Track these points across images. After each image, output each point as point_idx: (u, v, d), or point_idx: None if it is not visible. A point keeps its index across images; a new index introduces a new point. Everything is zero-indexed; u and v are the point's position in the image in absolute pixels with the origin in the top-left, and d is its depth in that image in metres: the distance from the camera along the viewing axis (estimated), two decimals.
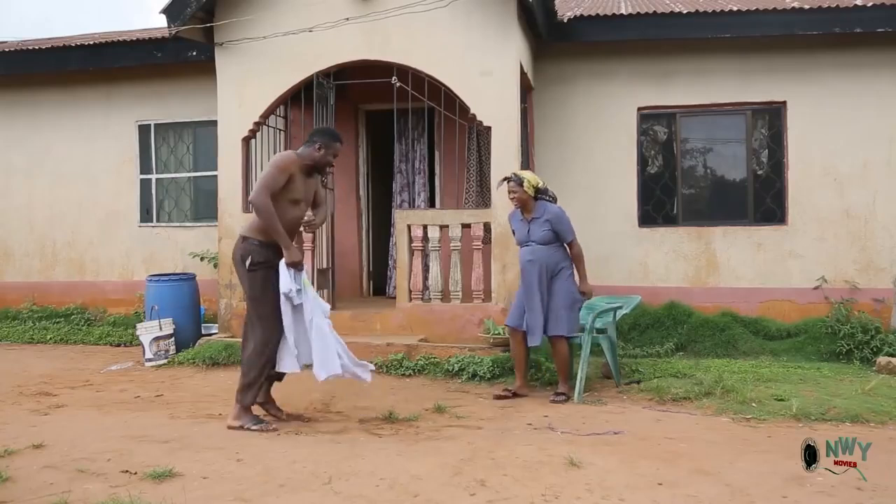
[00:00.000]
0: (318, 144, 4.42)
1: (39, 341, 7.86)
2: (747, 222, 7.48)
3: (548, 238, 5.07)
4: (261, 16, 6.68)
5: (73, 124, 8.80)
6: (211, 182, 8.04)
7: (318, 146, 4.42)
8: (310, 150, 4.43)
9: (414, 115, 7.87)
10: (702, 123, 7.62)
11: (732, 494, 3.14)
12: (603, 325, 5.38)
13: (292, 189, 4.32)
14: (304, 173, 4.43)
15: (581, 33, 7.35)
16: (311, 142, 4.46)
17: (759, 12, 7.06)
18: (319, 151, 4.42)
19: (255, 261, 4.29)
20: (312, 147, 4.43)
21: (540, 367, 5.60)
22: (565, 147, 7.73)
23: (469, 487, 3.21)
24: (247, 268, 4.30)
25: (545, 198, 5.20)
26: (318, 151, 4.42)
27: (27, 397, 5.20)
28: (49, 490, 3.19)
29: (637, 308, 6.15)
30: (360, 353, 5.93)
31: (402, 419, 4.43)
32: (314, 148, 4.42)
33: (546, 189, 5.24)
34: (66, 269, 8.86)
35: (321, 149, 4.42)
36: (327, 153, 4.45)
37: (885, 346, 6.31)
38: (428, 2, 6.19)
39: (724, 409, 4.63)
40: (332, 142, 4.48)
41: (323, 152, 4.43)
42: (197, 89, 8.17)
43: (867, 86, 7.19)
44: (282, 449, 3.81)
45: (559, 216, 5.10)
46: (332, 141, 4.48)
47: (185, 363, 6.33)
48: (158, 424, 4.37)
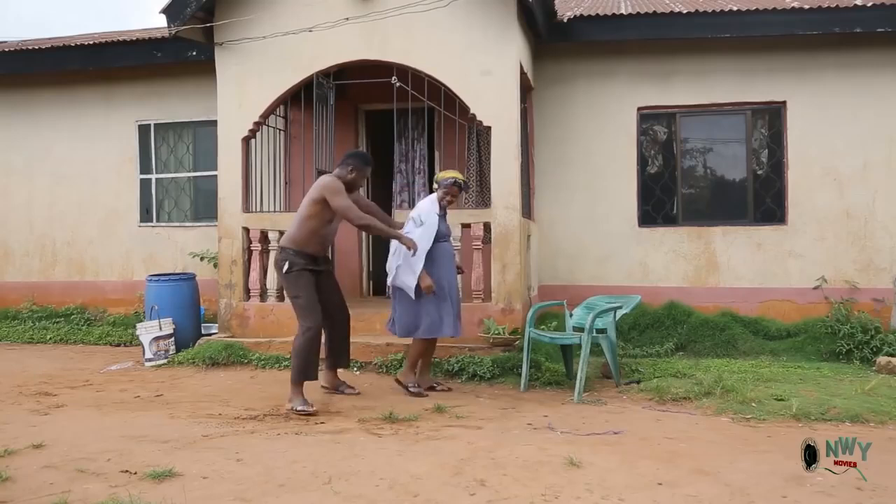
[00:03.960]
0: (350, 167, 4.98)
1: (39, 341, 7.87)
2: (747, 222, 7.48)
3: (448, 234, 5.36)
4: (261, 16, 6.68)
5: (72, 124, 8.80)
6: (211, 182, 8.04)
7: (351, 169, 4.98)
8: (343, 171, 5.00)
9: (414, 115, 7.85)
10: (702, 123, 7.63)
11: (732, 494, 3.14)
12: (603, 325, 5.38)
13: (328, 209, 4.86)
14: None
15: (581, 33, 7.35)
16: (345, 164, 5.02)
17: (759, 12, 7.06)
18: (351, 174, 4.98)
19: (291, 266, 4.85)
20: (345, 169, 4.99)
21: (540, 367, 5.60)
22: (565, 147, 7.73)
23: (469, 487, 3.21)
24: (284, 272, 4.87)
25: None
26: (350, 174, 4.97)
27: (27, 397, 5.20)
28: (49, 490, 3.19)
29: (637, 308, 6.15)
30: (360, 353, 5.97)
31: (402, 419, 4.43)
32: (347, 170, 4.98)
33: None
34: (66, 269, 8.86)
35: (353, 171, 4.98)
36: (358, 176, 5.02)
37: (885, 346, 6.31)
38: (428, 2, 6.19)
39: (723, 409, 4.63)
40: (363, 166, 5.06)
41: (354, 175, 4.99)
42: (197, 89, 8.17)
43: (867, 86, 7.20)
44: (282, 449, 3.82)
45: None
46: (363, 165, 5.06)
47: (185, 363, 6.33)
48: (158, 424, 4.37)
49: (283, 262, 4.88)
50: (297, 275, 4.85)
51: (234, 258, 6.79)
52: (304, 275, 4.86)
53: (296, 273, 4.85)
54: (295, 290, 4.88)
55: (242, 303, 6.74)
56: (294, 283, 4.86)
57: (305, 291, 4.85)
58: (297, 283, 4.86)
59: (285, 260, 4.88)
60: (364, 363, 5.96)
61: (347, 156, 5.12)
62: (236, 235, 6.80)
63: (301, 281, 4.85)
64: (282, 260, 4.91)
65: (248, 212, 6.86)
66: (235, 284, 6.77)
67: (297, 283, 4.86)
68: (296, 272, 4.85)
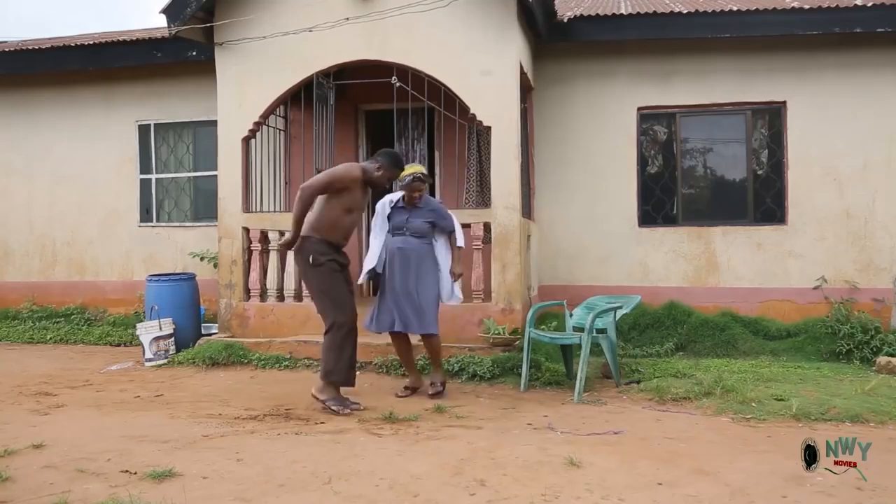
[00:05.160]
0: (378, 165, 4.74)
1: (39, 341, 7.87)
2: (747, 222, 7.48)
3: (424, 230, 5.03)
4: (261, 16, 6.68)
5: (72, 124, 8.80)
6: (211, 182, 8.04)
7: (379, 167, 4.73)
8: (372, 166, 4.76)
9: (414, 114, 7.85)
10: (702, 123, 7.63)
11: (732, 494, 3.14)
12: (603, 325, 5.38)
13: (349, 198, 4.62)
14: (363, 186, 4.73)
15: (581, 33, 7.35)
16: (375, 160, 4.79)
17: (759, 12, 7.06)
18: (378, 172, 4.72)
19: (317, 256, 4.57)
20: (374, 165, 4.76)
21: (540, 367, 5.60)
22: (565, 147, 7.73)
23: (469, 487, 3.21)
24: (311, 263, 4.57)
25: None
26: (378, 172, 4.72)
27: (27, 397, 5.20)
28: (49, 490, 3.19)
29: (637, 308, 6.15)
30: (360, 353, 5.91)
31: (402, 419, 4.43)
32: (375, 167, 4.74)
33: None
34: (66, 269, 8.86)
35: (380, 170, 4.73)
36: (384, 176, 4.75)
37: (885, 346, 6.31)
38: (428, 2, 6.19)
39: (723, 409, 4.63)
40: (392, 168, 4.78)
41: (381, 173, 4.73)
42: (197, 89, 8.17)
43: (867, 86, 7.20)
44: (282, 449, 3.81)
45: (441, 211, 5.15)
46: (393, 167, 4.78)
47: (185, 363, 6.32)
48: (158, 424, 4.37)
49: (309, 252, 4.57)
50: (330, 267, 4.58)
51: (234, 258, 6.79)
52: (334, 267, 4.62)
53: (328, 266, 4.57)
54: (327, 284, 4.58)
55: (242, 303, 6.73)
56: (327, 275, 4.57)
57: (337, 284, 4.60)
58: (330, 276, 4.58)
59: (311, 250, 4.57)
60: (364, 363, 5.95)
61: (381, 153, 4.87)
62: (236, 235, 6.80)
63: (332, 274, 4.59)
64: (307, 250, 4.58)
65: (248, 212, 6.86)
66: (235, 284, 6.77)
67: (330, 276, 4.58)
68: (327, 265, 4.57)
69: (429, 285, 4.99)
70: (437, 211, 5.12)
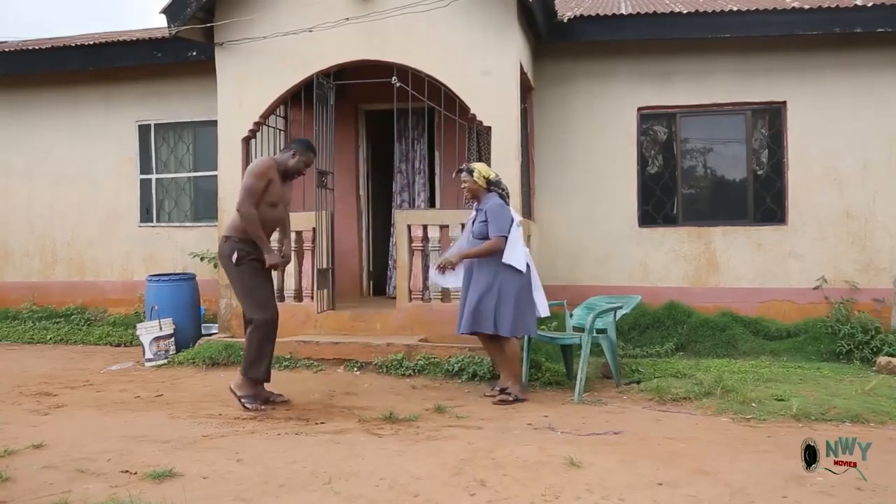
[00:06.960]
0: (293, 151, 4.82)
1: (39, 341, 7.87)
2: (747, 222, 7.48)
3: (482, 232, 4.91)
4: (261, 16, 6.68)
5: (73, 124, 8.80)
6: (211, 182, 8.04)
7: (294, 153, 4.81)
8: (285, 156, 4.83)
9: (414, 115, 7.87)
10: (702, 123, 7.63)
11: (732, 494, 3.13)
12: (603, 325, 5.38)
13: (270, 192, 4.69)
14: (281, 177, 4.80)
15: (581, 33, 7.36)
16: (288, 149, 4.88)
17: (759, 12, 7.06)
18: (294, 158, 4.79)
19: (241, 255, 4.66)
20: (288, 153, 4.83)
21: (540, 367, 5.60)
22: (565, 147, 7.73)
23: (469, 487, 3.21)
24: (234, 262, 4.67)
25: (497, 190, 5.05)
26: (293, 158, 4.79)
27: (27, 397, 5.20)
28: (49, 490, 3.18)
29: (637, 308, 6.15)
30: (360, 353, 5.97)
31: (402, 419, 4.43)
32: (289, 154, 4.82)
33: (499, 182, 5.08)
34: (66, 269, 8.86)
35: (295, 155, 4.80)
36: (299, 161, 4.81)
37: (885, 346, 6.32)
38: (428, 2, 6.19)
39: (724, 409, 4.63)
40: (305, 151, 4.84)
41: (296, 160, 4.80)
42: (197, 89, 8.18)
43: (867, 86, 7.20)
44: (282, 449, 3.81)
45: (493, 209, 4.91)
46: (305, 150, 4.85)
47: (185, 363, 6.32)
48: (158, 424, 4.37)
49: (233, 251, 4.66)
50: (250, 265, 4.67)
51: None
52: (255, 265, 4.69)
53: (249, 264, 4.67)
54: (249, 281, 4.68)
55: None
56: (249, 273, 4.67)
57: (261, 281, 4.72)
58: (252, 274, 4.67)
59: (234, 249, 4.66)
60: (364, 363, 5.95)
61: (293, 141, 4.99)
62: None
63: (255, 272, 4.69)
64: (230, 249, 4.68)
65: None
66: None
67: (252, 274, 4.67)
68: (248, 263, 4.66)
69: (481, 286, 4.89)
70: (489, 208, 4.94)
